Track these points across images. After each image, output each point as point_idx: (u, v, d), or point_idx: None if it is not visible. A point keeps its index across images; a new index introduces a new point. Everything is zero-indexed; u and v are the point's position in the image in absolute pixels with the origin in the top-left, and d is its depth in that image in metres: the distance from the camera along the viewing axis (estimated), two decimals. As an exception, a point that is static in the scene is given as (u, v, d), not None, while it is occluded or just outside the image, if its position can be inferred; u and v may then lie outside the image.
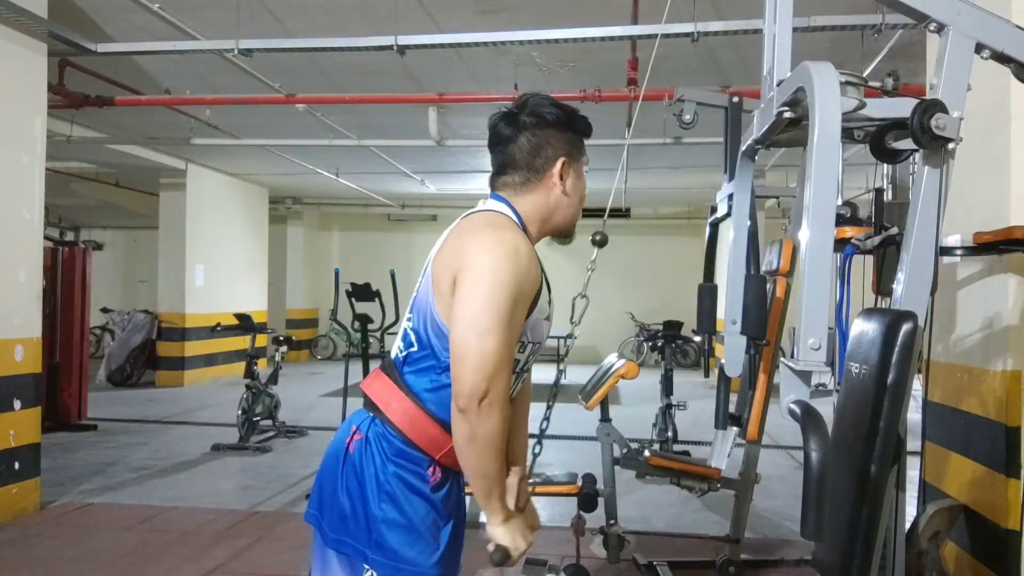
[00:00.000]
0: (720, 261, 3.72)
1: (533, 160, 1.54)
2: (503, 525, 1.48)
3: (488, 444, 1.39)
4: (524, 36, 4.80)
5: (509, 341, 1.38)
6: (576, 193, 1.58)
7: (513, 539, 1.48)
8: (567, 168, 1.55)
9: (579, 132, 1.57)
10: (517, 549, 1.48)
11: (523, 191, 1.55)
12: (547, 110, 1.55)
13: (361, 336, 6.58)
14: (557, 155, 1.54)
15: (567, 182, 1.55)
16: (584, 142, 1.60)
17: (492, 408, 1.36)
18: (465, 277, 1.38)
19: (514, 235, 1.45)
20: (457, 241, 1.46)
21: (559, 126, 1.55)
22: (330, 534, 1.50)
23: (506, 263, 1.38)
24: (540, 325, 1.53)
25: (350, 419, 1.58)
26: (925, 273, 1.87)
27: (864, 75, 1.72)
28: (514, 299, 1.38)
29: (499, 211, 1.52)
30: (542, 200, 1.55)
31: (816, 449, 1.40)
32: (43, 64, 4.76)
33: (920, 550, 2.93)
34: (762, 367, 3.10)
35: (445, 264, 1.44)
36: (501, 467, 1.44)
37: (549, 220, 1.57)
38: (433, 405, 1.48)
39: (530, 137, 1.54)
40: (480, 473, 1.42)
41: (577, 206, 1.59)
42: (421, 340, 1.49)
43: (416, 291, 1.53)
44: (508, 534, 1.48)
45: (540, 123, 1.54)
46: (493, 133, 1.58)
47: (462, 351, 1.36)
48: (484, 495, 1.45)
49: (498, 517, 1.47)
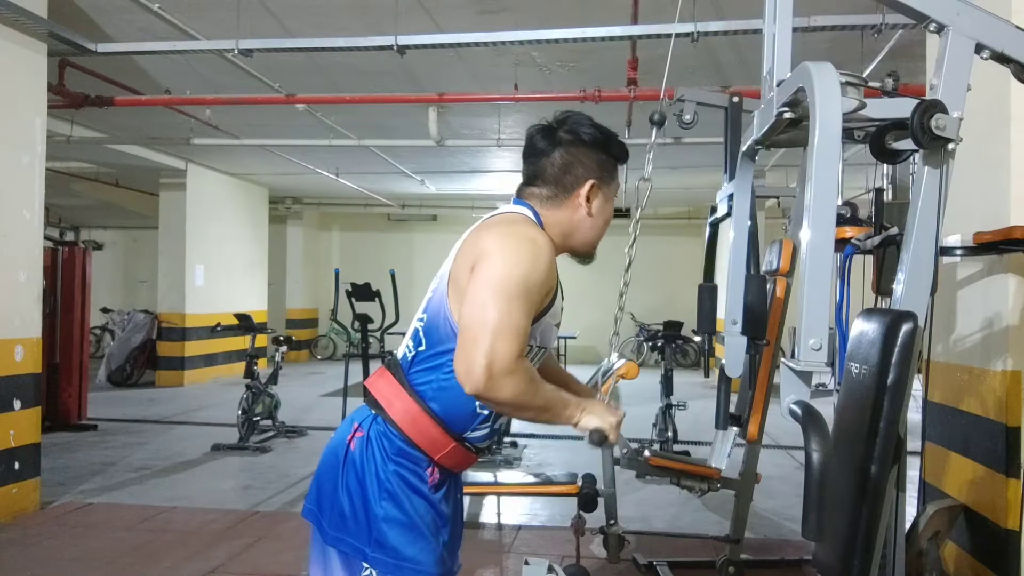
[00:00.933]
0: (720, 261, 3.72)
1: (563, 177, 1.54)
2: (585, 414, 1.49)
3: (519, 402, 1.38)
4: (524, 36, 4.80)
5: (515, 316, 1.35)
6: (601, 216, 1.57)
7: (601, 418, 1.49)
8: (595, 190, 1.55)
9: (614, 156, 1.58)
10: (610, 425, 1.49)
11: (549, 205, 1.56)
12: (585, 130, 1.55)
13: (361, 336, 6.59)
14: (587, 176, 1.54)
15: (593, 204, 1.55)
16: (618, 168, 1.60)
17: (502, 377, 1.33)
18: (478, 264, 1.40)
19: (532, 228, 1.46)
20: (475, 238, 1.47)
21: (594, 147, 1.55)
22: (330, 532, 1.50)
23: (521, 249, 1.39)
24: (550, 330, 1.55)
25: (352, 416, 1.58)
26: (925, 273, 1.87)
27: (864, 75, 1.72)
28: (524, 281, 1.37)
29: (517, 211, 1.54)
30: (566, 217, 1.55)
31: (817, 449, 1.40)
32: (43, 64, 4.75)
33: (920, 550, 2.93)
34: (762, 367, 3.10)
35: (465, 261, 1.44)
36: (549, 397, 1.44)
37: (569, 238, 1.57)
38: (437, 404, 1.48)
39: (563, 154, 1.54)
40: (534, 416, 1.43)
41: (600, 229, 1.59)
42: (432, 339, 1.49)
43: (431, 291, 1.53)
44: (594, 417, 1.49)
45: (575, 141, 1.54)
46: (529, 144, 1.59)
47: (467, 331, 1.36)
48: (555, 417, 1.46)
49: (577, 413, 1.49)
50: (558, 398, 1.46)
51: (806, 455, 1.42)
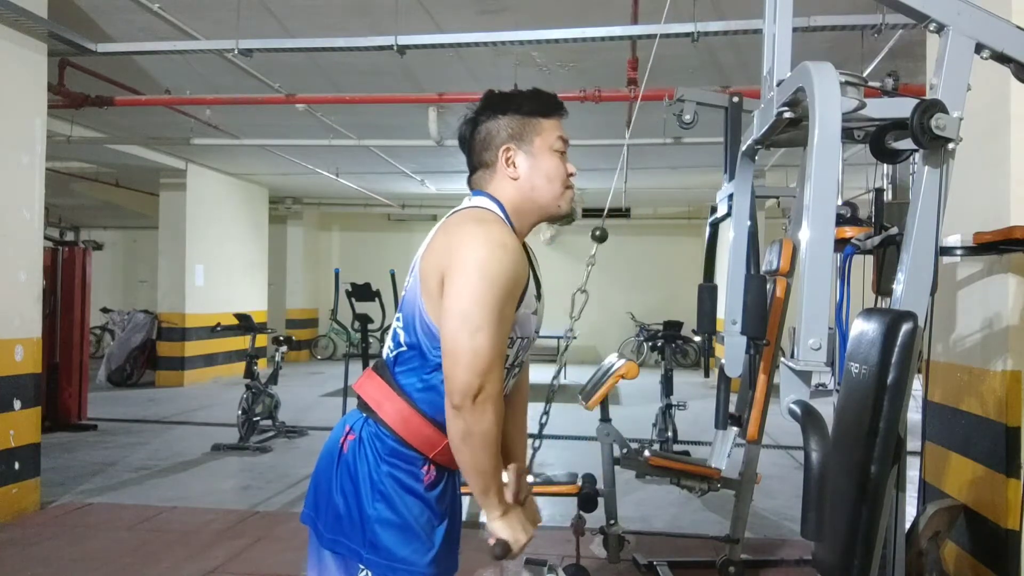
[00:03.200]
0: (720, 261, 3.72)
1: (482, 155, 1.56)
2: (502, 519, 1.47)
3: (483, 441, 1.38)
4: (524, 36, 4.80)
5: (500, 336, 1.38)
6: (538, 173, 1.52)
7: (513, 532, 1.48)
8: (513, 152, 1.53)
9: (520, 112, 1.54)
10: (517, 542, 1.48)
11: (492, 185, 1.55)
12: (486, 102, 1.56)
13: (361, 336, 6.59)
14: (501, 143, 1.53)
15: (519, 166, 1.52)
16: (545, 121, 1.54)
17: (486, 405, 1.36)
18: (453, 274, 1.38)
19: (500, 230, 1.44)
20: (444, 238, 1.45)
21: (496, 112, 1.54)
22: (325, 534, 1.50)
23: (493, 259, 1.38)
24: (528, 320, 1.52)
25: (344, 419, 1.58)
26: (925, 273, 1.87)
27: (864, 75, 1.72)
28: (503, 294, 1.38)
29: (483, 206, 1.52)
30: (509, 189, 1.53)
31: (816, 449, 1.40)
32: (43, 64, 4.75)
33: (920, 550, 2.93)
34: (762, 367, 3.10)
35: (432, 263, 1.44)
36: (497, 463, 1.44)
37: (523, 207, 1.54)
38: (425, 405, 1.48)
39: (478, 132, 1.56)
40: (476, 470, 1.41)
41: (545, 187, 1.53)
42: (410, 340, 1.48)
43: (404, 290, 1.53)
44: (508, 527, 1.47)
45: (485, 117, 1.55)
46: (458, 138, 1.62)
47: (453, 348, 1.36)
48: (481, 491, 1.44)
49: (496, 511, 1.47)
50: (496, 478, 1.45)
51: (806, 455, 1.42)
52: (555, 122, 1.56)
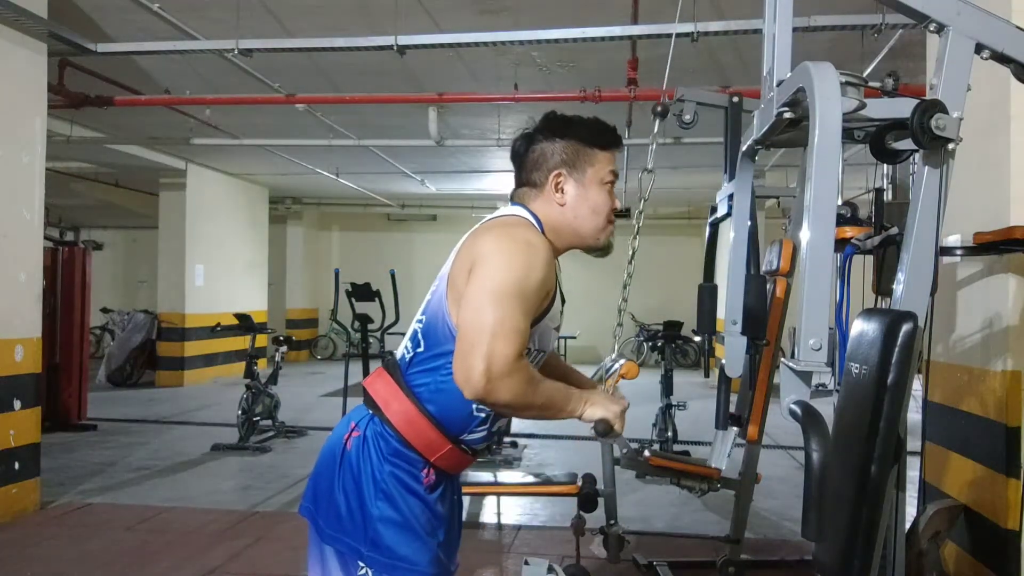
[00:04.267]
0: (720, 261, 3.72)
1: (532, 174, 1.56)
2: (588, 406, 1.48)
3: (518, 401, 1.36)
4: (524, 36, 4.80)
5: (513, 318, 1.34)
6: (583, 204, 1.53)
7: (605, 407, 1.48)
8: (563, 178, 1.53)
9: (580, 140, 1.54)
10: (614, 414, 1.48)
11: (535, 203, 1.56)
12: (546, 123, 1.56)
13: (361, 336, 6.58)
14: (554, 166, 1.53)
15: (567, 193, 1.53)
16: (600, 153, 1.55)
17: (500, 380, 1.32)
18: (477, 266, 1.39)
19: (529, 232, 1.45)
20: (473, 242, 1.47)
21: (557, 136, 1.54)
22: (326, 531, 1.50)
23: (518, 252, 1.39)
24: (548, 333, 1.54)
25: (349, 415, 1.58)
26: (925, 273, 1.87)
27: (864, 75, 1.72)
28: (520, 283, 1.37)
29: (516, 214, 1.54)
30: (551, 212, 1.54)
31: (816, 449, 1.40)
32: (43, 64, 4.75)
33: (920, 550, 2.93)
34: (762, 367, 3.10)
35: (463, 264, 1.44)
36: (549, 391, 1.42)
37: (561, 232, 1.55)
38: (434, 406, 1.48)
39: (532, 151, 1.56)
40: (540, 410, 1.41)
41: (588, 218, 1.54)
42: (430, 342, 1.48)
43: (430, 293, 1.53)
44: (597, 408, 1.48)
45: (542, 136, 1.55)
46: (512, 149, 1.61)
47: (465, 334, 1.36)
48: (559, 412, 1.44)
49: (580, 405, 1.47)
50: (559, 394, 1.45)
51: (806, 455, 1.42)
52: (610, 155, 1.57)
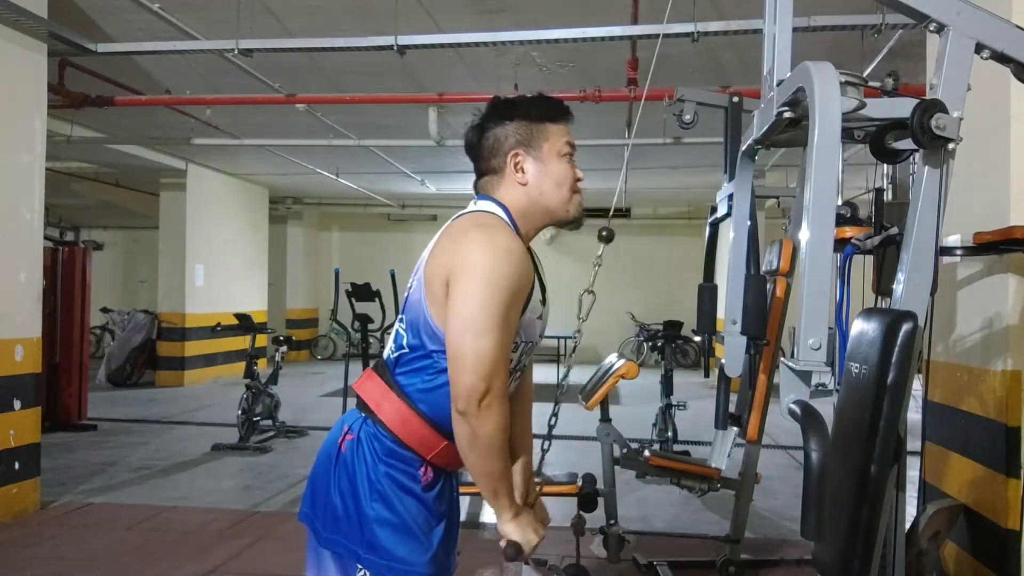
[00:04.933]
0: (720, 261, 3.72)
1: (490, 161, 1.56)
2: (513, 521, 1.49)
3: (490, 444, 1.39)
4: (524, 36, 4.80)
5: (505, 340, 1.39)
6: (546, 180, 1.53)
7: (524, 534, 1.49)
8: (522, 158, 1.53)
9: (528, 118, 1.54)
10: (529, 543, 1.49)
11: (499, 190, 1.55)
12: (493, 108, 1.56)
13: (361, 336, 6.59)
14: (509, 148, 1.53)
15: (527, 171, 1.52)
16: (552, 126, 1.54)
17: (491, 408, 1.36)
18: (458, 279, 1.39)
19: (505, 235, 1.44)
20: (449, 243, 1.46)
21: (504, 118, 1.54)
22: (324, 533, 1.51)
23: (499, 263, 1.38)
24: (532, 324, 1.53)
25: (342, 419, 1.59)
26: (925, 273, 1.87)
27: (864, 75, 1.72)
28: (508, 299, 1.38)
29: (488, 211, 1.52)
30: (516, 195, 1.54)
31: (816, 449, 1.40)
32: (43, 64, 4.75)
33: (920, 550, 2.93)
34: (762, 367, 3.10)
35: (437, 266, 1.44)
36: (505, 465, 1.45)
37: (531, 213, 1.54)
38: (424, 406, 1.48)
39: (485, 139, 1.56)
40: (485, 472, 1.42)
41: (553, 192, 1.53)
42: (413, 341, 1.49)
43: (408, 292, 1.53)
44: (519, 529, 1.49)
45: (492, 123, 1.55)
46: (465, 144, 1.62)
47: (459, 353, 1.37)
48: (491, 494, 1.45)
49: (508, 514, 1.48)
50: (506, 480, 1.46)
51: (806, 455, 1.42)
52: (562, 127, 1.57)
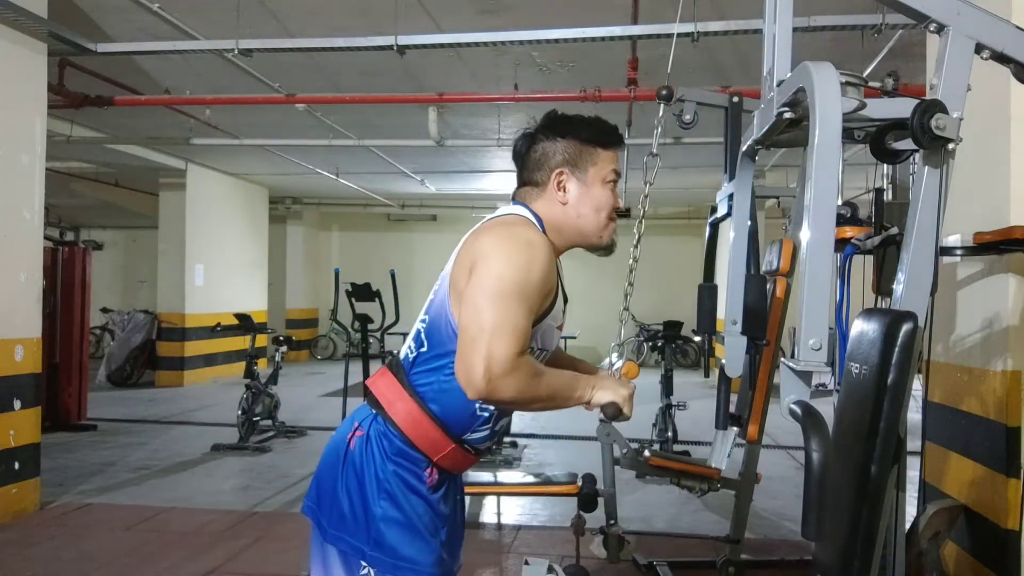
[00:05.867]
0: (720, 261, 3.72)
1: (534, 174, 1.57)
2: (595, 391, 1.48)
3: (523, 396, 1.37)
4: (524, 36, 4.80)
5: (513, 317, 1.35)
6: (586, 203, 1.54)
7: (613, 391, 1.48)
8: (566, 177, 1.53)
9: (582, 140, 1.55)
10: (623, 398, 1.49)
11: (537, 202, 1.56)
12: (548, 121, 1.57)
13: (361, 336, 6.58)
14: (556, 165, 1.54)
15: (569, 191, 1.53)
16: (603, 152, 1.56)
17: (502, 378, 1.32)
18: (476, 267, 1.40)
19: (529, 230, 1.46)
20: (473, 240, 1.47)
21: (559, 135, 1.55)
22: (329, 530, 1.51)
23: (518, 251, 1.39)
24: (552, 332, 1.54)
25: (352, 415, 1.59)
26: (925, 273, 1.87)
27: (864, 75, 1.72)
28: (524, 283, 1.37)
29: (516, 213, 1.54)
30: (552, 211, 1.55)
31: (816, 449, 1.40)
32: (43, 64, 4.75)
33: (920, 550, 2.93)
34: (762, 367, 3.10)
35: (464, 264, 1.45)
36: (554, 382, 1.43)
37: (563, 231, 1.55)
38: (436, 406, 1.48)
39: (534, 150, 1.56)
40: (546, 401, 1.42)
41: (590, 217, 1.55)
42: (433, 342, 1.49)
43: (433, 293, 1.53)
44: (606, 391, 1.48)
45: (544, 136, 1.56)
46: (514, 149, 1.62)
47: (465, 334, 1.36)
48: (565, 401, 1.45)
49: (587, 391, 1.48)
50: (565, 382, 1.45)
51: (806, 455, 1.42)
52: (612, 154, 1.58)
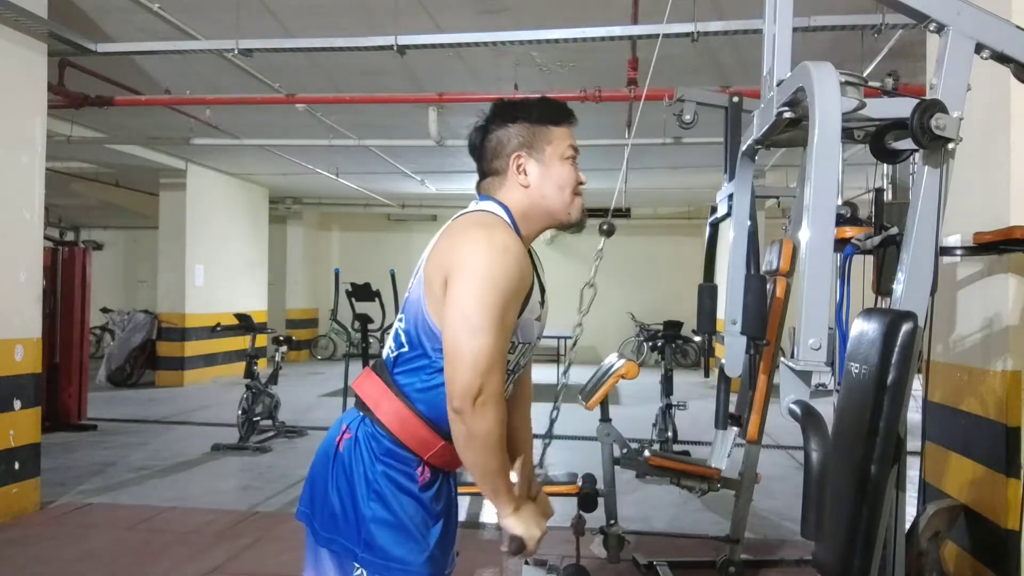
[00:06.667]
0: (720, 261, 3.72)
1: (493, 163, 1.56)
2: (514, 516, 1.49)
3: (486, 442, 1.39)
4: (524, 36, 4.80)
5: (501, 339, 1.39)
6: (548, 183, 1.53)
7: (527, 528, 1.50)
8: (525, 160, 1.53)
9: (531, 120, 1.54)
10: (532, 538, 1.50)
11: (502, 191, 1.55)
12: (496, 110, 1.57)
13: (361, 336, 6.59)
14: (512, 150, 1.53)
15: (530, 173, 1.53)
16: (556, 129, 1.55)
17: (486, 407, 1.36)
18: (456, 277, 1.39)
19: (504, 234, 1.44)
20: (448, 242, 1.46)
21: (508, 120, 1.54)
22: (322, 533, 1.51)
23: (496, 262, 1.38)
24: (530, 325, 1.53)
25: (340, 419, 1.59)
26: (925, 273, 1.87)
27: (864, 75, 1.72)
28: (505, 297, 1.38)
29: (489, 210, 1.53)
30: (517, 196, 1.54)
31: (816, 449, 1.40)
32: (43, 64, 4.75)
33: (920, 550, 2.93)
34: (762, 367, 3.10)
35: (437, 265, 1.44)
36: (503, 462, 1.45)
37: (533, 215, 1.55)
38: (423, 405, 1.48)
39: (488, 140, 1.56)
40: (483, 470, 1.43)
41: (555, 195, 1.54)
42: (412, 341, 1.49)
43: (408, 292, 1.53)
44: (521, 523, 1.49)
45: (495, 125, 1.56)
46: (469, 144, 1.62)
47: (454, 350, 1.37)
48: (491, 491, 1.46)
49: (508, 509, 1.49)
50: (504, 476, 1.47)
51: (806, 455, 1.42)
52: (566, 130, 1.57)
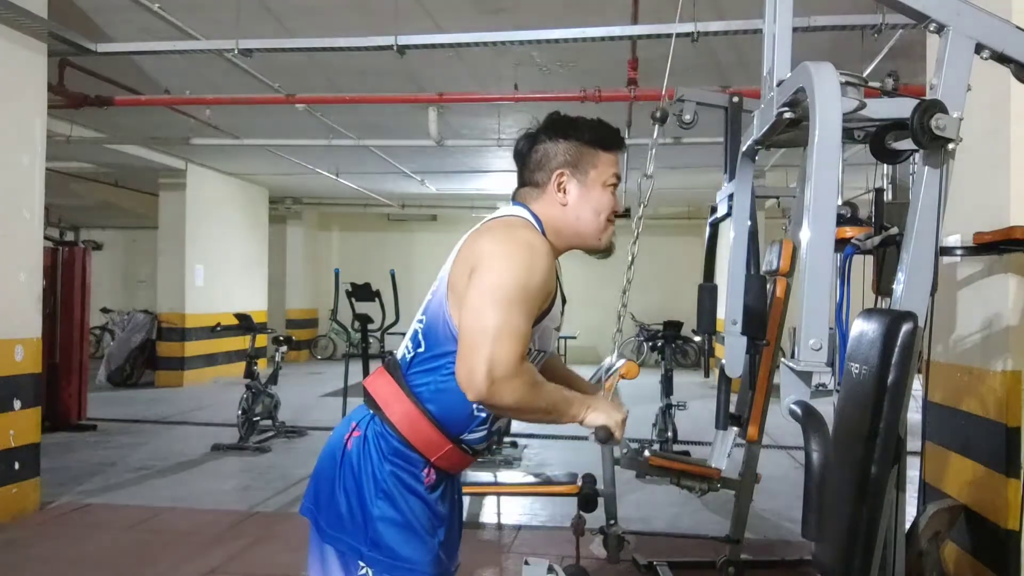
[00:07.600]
0: (720, 261, 3.72)
1: (535, 174, 1.57)
2: (589, 412, 1.49)
3: (524, 404, 1.38)
4: (524, 36, 4.80)
5: (515, 321, 1.36)
6: (585, 205, 1.54)
7: (607, 415, 1.49)
8: (566, 178, 1.54)
9: (583, 142, 1.55)
10: (615, 422, 1.49)
11: (537, 203, 1.56)
12: (550, 123, 1.57)
13: (361, 336, 6.59)
14: (556, 167, 1.54)
15: (569, 193, 1.54)
16: (604, 154, 1.56)
17: (504, 382, 1.34)
18: (479, 268, 1.40)
19: (529, 232, 1.46)
20: (473, 242, 1.47)
21: (560, 137, 1.55)
22: (327, 530, 1.51)
23: (517, 254, 1.39)
24: (549, 333, 1.54)
25: (350, 416, 1.59)
26: (925, 273, 1.87)
27: (864, 75, 1.72)
28: (522, 286, 1.38)
29: (519, 215, 1.54)
30: (552, 212, 1.55)
31: (817, 449, 1.40)
32: (43, 64, 4.75)
33: (920, 550, 2.93)
34: (762, 367, 3.10)
35: (463, 263, 1.45)
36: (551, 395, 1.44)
37: (562, 232, 1.56)
38: (435, 406, 1.48)
39: (535, 151, 1.57)
40: (541, 413, 1.43)
41: (589, 219, 1.55)
42: (430, 342, 1.49)
43: (431, 293, 1.53)
44: (599, 414, 1.49)
45: (546, 137, 1.56)
46: (515, 149, 1.63)
47: (467, 337, 1.37)
48: (560, 416, 1.46)
49: (582, 412, 1.48)
50: (562, 397, 1.46)
51: (806, 455, 1.42)
52: (613, 157, 1.58)
